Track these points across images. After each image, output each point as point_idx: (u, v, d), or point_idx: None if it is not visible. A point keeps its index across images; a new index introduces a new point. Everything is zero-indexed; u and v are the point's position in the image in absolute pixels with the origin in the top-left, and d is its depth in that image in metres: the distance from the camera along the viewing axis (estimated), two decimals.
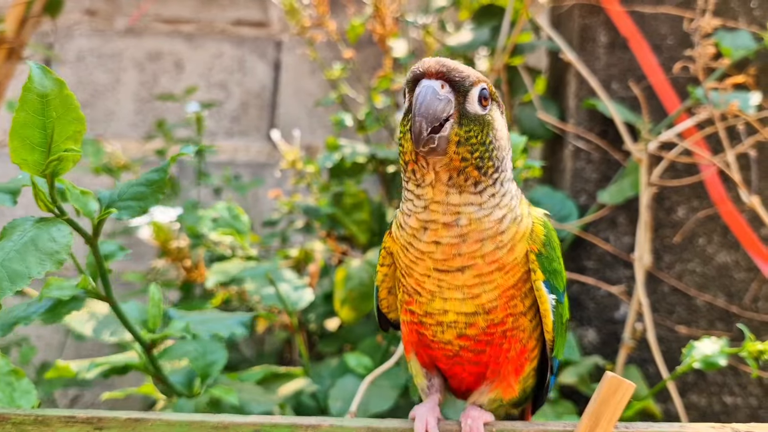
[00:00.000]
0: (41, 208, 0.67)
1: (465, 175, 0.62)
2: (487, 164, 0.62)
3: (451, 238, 0.63)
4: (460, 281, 0.65)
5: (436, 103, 0.59)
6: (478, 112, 0.62)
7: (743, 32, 1.42)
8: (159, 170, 0.71)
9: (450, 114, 0.60)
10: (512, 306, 0.66)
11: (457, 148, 0.60)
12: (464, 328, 0.67)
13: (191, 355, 1.01)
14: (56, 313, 0.78)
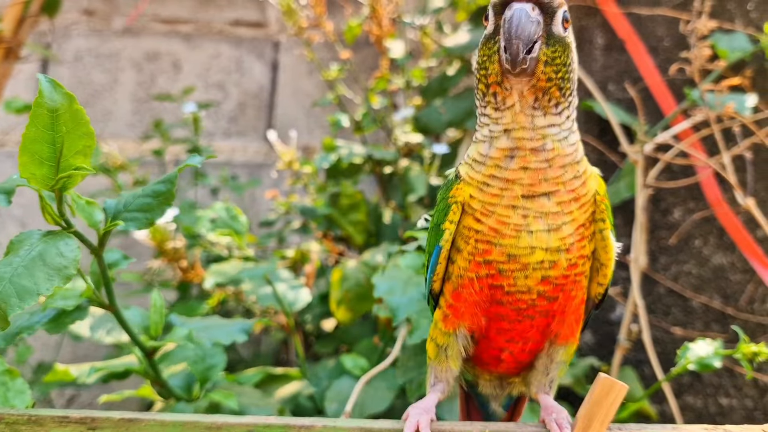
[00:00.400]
0: (48, 222, 0.67)
1: (549, 96, 0.64)
2: (566, 85, 0.65)
3: (539, 163, 0.65)
4: (546, 208, 0.66)
5: (530, 25, 0.61)
6: (561, 34, 0.64)
7: (740, 34, 1.42)
8: (166, 181, 0.70)
9: (539, 35, 0.63)
10: (581, 247, 0.68)
11: (545, 68, 0.63)
12: (548, 268, 0.67)
13: (191, 360, 1.01)
14: (60, 323, 0.78)
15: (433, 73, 1.81)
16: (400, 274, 1.01)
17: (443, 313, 0.73)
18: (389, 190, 1.69)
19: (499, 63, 0.62)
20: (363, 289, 1.32)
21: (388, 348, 1.26)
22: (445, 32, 1.77)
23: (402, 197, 1.53)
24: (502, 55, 0.61)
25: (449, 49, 1.62)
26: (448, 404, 1.14)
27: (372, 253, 1.42)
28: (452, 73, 1.68)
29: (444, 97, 1.66)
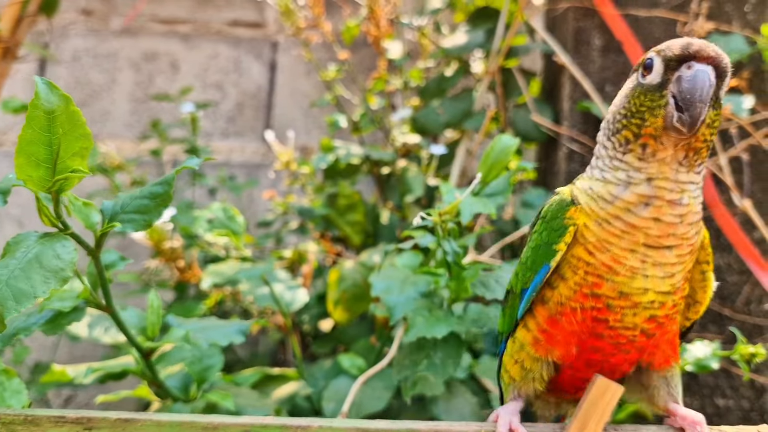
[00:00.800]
0: (45, 223, 0.66)
1: (698, 155, 0.65)
2: (710, 146, 0.66)
3: (673, 217, 0.65)
4: (666, 258, 0.66)
5: (710, 89, 0.62)
6: (722, 98, 0.66)
7: (737, 36, 1.42)
8: (163, 183, 0.70)
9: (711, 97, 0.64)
10: (683, 288, 0.69)
11: (704, 130, 0.64)
12: (657, 308, 0.68)
13: (188, 360, 1.01)
14: (57, 324, 0.78)
15: (431, 73, 1.81)
16: (397, 274, 1.01)
17: (534, 337, 0.72)
18: (387, 191, 1.69)
19: (665, 119, 0.63)
20: (360, 289, 1.32)
21: (385, 347, 1.26)
22: (443, 33, 1.77)
23: (399, 198, 1.53)
24: (673, 113, 0.62)
25: (447, 50, 1.62)
26: (444, 404, 1.15)
27: (369, 253, 1.42)
28: (450, 74, 1.68)
29: (442, 98, 1.66)
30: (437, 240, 0.90)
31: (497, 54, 1.56)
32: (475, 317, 0.97)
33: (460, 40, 1.62)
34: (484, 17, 1.67)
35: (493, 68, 1.57)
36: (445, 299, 0.97)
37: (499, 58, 1.56)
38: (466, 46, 1.62)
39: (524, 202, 1.48)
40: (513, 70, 1.63)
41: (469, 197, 0.91)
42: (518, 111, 1.61)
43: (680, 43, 0.64)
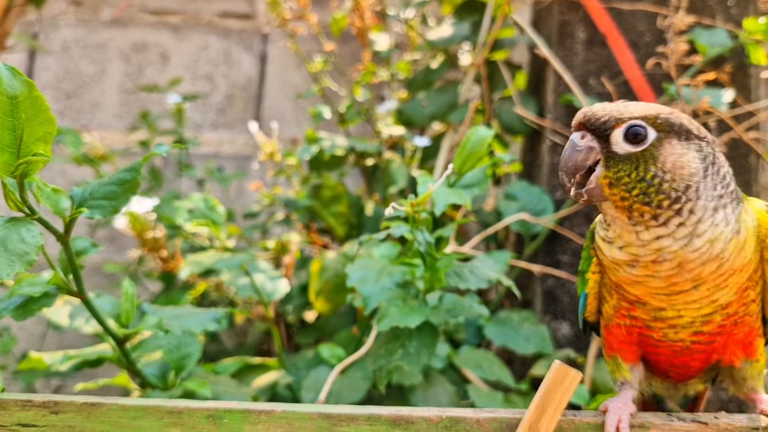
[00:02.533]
0: (11, 208, 0.67)
1: (639, 212, 0.61)
2: (656, 198, 0.61)
3: (667, 271, 0.63)
4: (695, 296, 0.64)
5: (575, 155, 0.63)
6: (629, 151, 0.62)
7: (720, 30, 1.43)
8: (131, 170, 0.71)
9: (597, 160, 0.63)
10: (745, 296, 0.67)
11: (611, 190, 0.62)
12: (701, 325, 0.66)
13: (165, 348, 1.02)
14: (27, 310, 0.78)
15: (419, 66, 1.81)
16: (374, 264, 1.01)
17: (602, 340, 0.75)
18: (373, 183, 1.69)
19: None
20: (342, 280, 1.33)
21: (365, 337, 1.27)
22: (430, 25, 1.77)
23: (384, 189, 1.54)
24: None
25: (432, 42, 1.62)
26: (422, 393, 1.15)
27: (352, 244, 1.42)
28: (436, 67, 1.68)
29: (428, 91, 1.67)
30: (411, 230, 0.91)
31: (483, 47, 1.56)
32: (450, 307, 0.98)
33: (446, 33, 1.62)
34: (470, 10, 1.67)
35: (479, 61, 1.57)
36: (420, 290, 0.98)
37: (485, 50, 1.57)
38: (451, 39, 1.62)
39: (507, 194, 1.48)
40: (499, 63, 1.63)
41: (442, 188, 0.91)
42: (503, 103, 1.61)
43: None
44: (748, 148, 1.42)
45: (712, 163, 0.63)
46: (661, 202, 0.61)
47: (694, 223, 0.61)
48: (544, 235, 1.43)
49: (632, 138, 0.62)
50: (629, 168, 0.61)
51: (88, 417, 0.64)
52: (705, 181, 0.62)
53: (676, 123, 0.62)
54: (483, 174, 0.99)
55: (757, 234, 0.65)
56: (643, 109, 0.63)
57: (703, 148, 0.63)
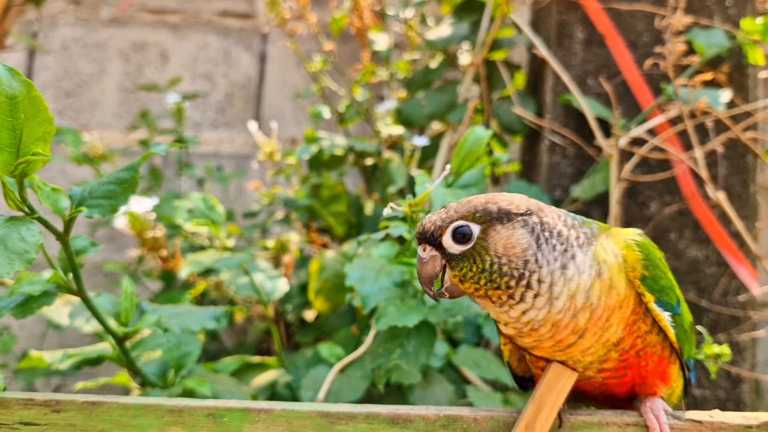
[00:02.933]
0: (11, 207, 0.68)
1: (495, 296, 0.66)
2: (501, 282, 0.65)
3: (548, 332, 0.66)
4: (585, 344, 0.67)
5: (424, 267, 0.69)
6: (461, 250, 0.66)
7: (717, 30, 1.43)
8: (130, 169, 0.72)
9: (443, 264, 0.68)
10: (636, 329, 0.68)
11: (464, 285, 0.67)
12: (600, 364, 0.68)
13: (165, 347, 1.02)
14: (27, 308, 0.79)
15: (418, 65, 1.82)
16: (372, 264, 1.02)
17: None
18: (372, 182, 1.70)
19: None
20: (341, 279, 1.33)
21: (364, 337, 1.28)
22: (429, 25, 1.78)
23: (383, 189, 1.54)
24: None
25: (431, 42, 1.63)
26: (421, 392, 1.16)
27: (352, 244, 1.43)
28: (435, 66, 1.69)
29: (427, 90, 1.67)
30: (409, 230, 0.91)
31: (482, 46, 1.57)
32: (448, 306, 0.98)
33: (445, 33, 1.63)
34: (469, 9, 1.68)
35: (478, 60, 1.58)
36: (419, 289, 0.98)
37: (484, 50, 1.57)
38: (450, 39, 1.62)
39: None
40: (498, 63, 1.63)
41: (440, 188, 0.92)
42: (502, 103, 1.62)
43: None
44: (746, 148, 1.43)
45: (542, 230, 0.66)
46: (509, 282, 0.65)
47: (547, 289, 0.65)
48: None
49: (460, 239, 0.66)
50: (469, 264, 0.66)
51: (89, 415, 0.65)
52: (541, 250, 0.65)
53: (494, 210, 0.66)
54: (481, 174, 1.00)
55: (625, 271, 0.67)
56: (463, 209, 0.67)
57: (528, 222, 0.66)
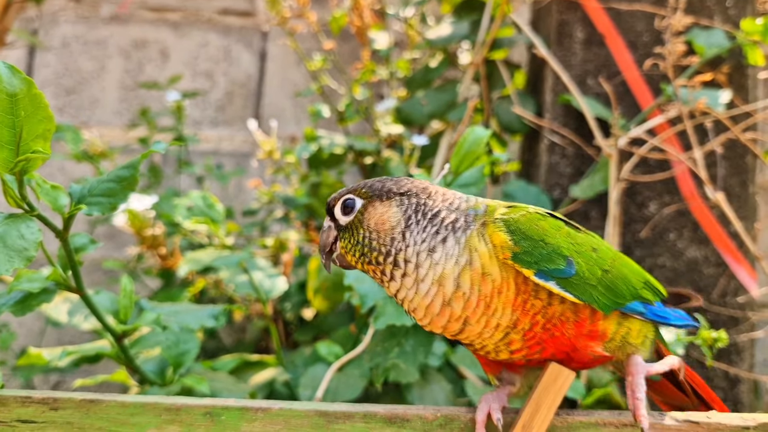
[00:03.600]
0: (11, 205, 0.68)
1: (371, 271, 0.70)
2: (372, 256, 0.69)
3: (427, 318, 0.68)
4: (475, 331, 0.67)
5: (323, 236, 0.74)
6: (345, 221, 0.72)
7: (717, 31, 1.43)
8: (129, 167, 0.72)
9: (335, 235, 0.73)
10: (530, 307, 0.67)
11: (348, 256, 0.72)
12: (507, 347, 0.69)
13: (164, 345, 1.02)
14: (26, 305, 0.79)
15: (418, 64, 1.82)
16: None
17: None
18: None
19: None
20: (339, 278, 1.33)
21: (362, 335, 1.28)
22: (429, 24, 1.78)
23: None
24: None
25: (432, 41, 1.63)
26: (419, 391, 1.16)
27: None
28: (435, 65, 1.69)
29: (427, 89, 1.67)
30: None
31: (482, 46, 1.57)
32: None
33: (445, 32, 1.63)
34: (469, 9, 1.68)
35: (478, 60, 1.58)
36: None
37: (484, 49, 1.57)
38: (450, 38, 1.62)
39: (505, 194, 1.49)
40: (497, 62, 1.63)
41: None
42: (502, 102, 1.62)
43: None
44: (746, 148, 1.43)
45: (416, 211, 0.69)
46: (377, 258, 0.69)
47: (413, 269, 0.67)
48: None
49: (347, 210, 0.71)
50: (349, 235, 0.71)
51: (87, 413, 0.65)
52: (409, 230, 0.68)
53: (377, 188, 0.71)
54: (480, 173, 1.00)
55: (495, 255, 0.67)
56: (357, 186, 0.72)
57: (404, 202, 0.70)
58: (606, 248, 0.74)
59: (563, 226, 0.72)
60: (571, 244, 0.70)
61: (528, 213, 0.70)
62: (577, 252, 0.69)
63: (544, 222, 0.70)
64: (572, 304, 0.68)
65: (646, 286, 0.75)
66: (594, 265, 0.70)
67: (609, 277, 0.70)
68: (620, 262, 0.74)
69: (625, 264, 0.75)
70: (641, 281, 0.75)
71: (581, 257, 0.69)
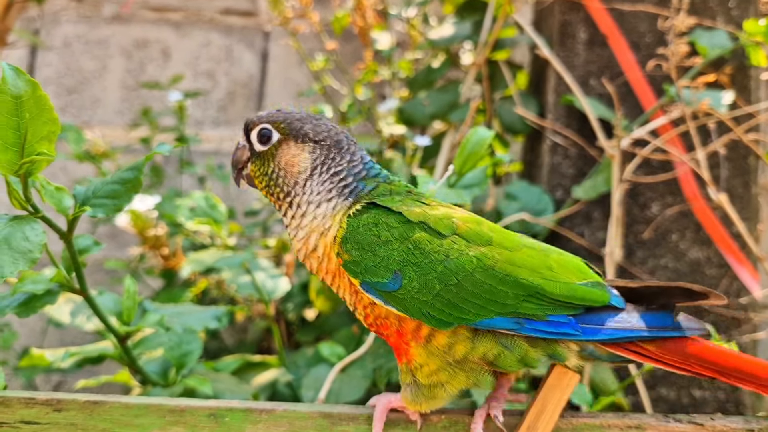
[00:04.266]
0: (15, 206, 0.68)
1: (271, 200, 0.75)
2: (275, 190, 0.74)
3: (300, 259, 0.74)
4: (337, 291, 0.74)
5: (236, 153, 0.76)
6: (260, 149, 0.74)
7: (720, 32, 1.43)
8: (133, 169, 0.72)
9: (248, 156, 0.75)
10: (361, 299, 0.71)
11: (258, 182, 0.75)
12: (363, 319, 0.73)
13: (167, 346, 1.02)
14: (30, 307, 0.79)
15: (421, 65, 1.82)
16: None
17: None
18: None
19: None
20: None
21: (365, 336, 1.28)
22: (431, 25, 1.77)
23: None
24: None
25: (434, 41, 1.62)
26: None
27: None
28: (437, 66, 1.68)
29: (429, 90, 1.67)
30: None
31: (484, 46, 1.57)
32: None
33: (447, 32, 1.63)
34: (471, 9, 1.68)
35: (480, 60, 1.58)
36: None
37: (486, 50, 1.57)
38: (452, 38, 1.62)
39: (508, 194, 1.49)
40: (500, 63, 1.63)
41: (443, 188, 0.92)
42: (504, 103, 1.62)
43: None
44: (748, 149, 1.43)
45: (323, 163, 0.73)
46: (279, 194, 0.73)
47: (300, 216, 0.73)
48: (543, 234, 1.43)
49: (263, 139, 0.74)
50: (260, 163, 0.74)
51: (91, 415, 0.65)
52: (311, 179, 0.73)
53: (296, 127, 0.74)
54: (483, 174, 1.00)
55: (335, 248, 0.71)
56: (277, 116, 0.75)
57: (316, 150, 0.73)
58: (474, 257, 0.68)
59: (417, 232, 0.69)
60: (411, 255, 0.68)
61: (374, 217, 0.70)
62: (413, 264, 0.68)
63: (386, 231, 0.69)
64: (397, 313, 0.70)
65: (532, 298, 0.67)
66: (433, 280, 0.68)
67: (455, 292, 0.67)
68: (494, 272, 0.68)
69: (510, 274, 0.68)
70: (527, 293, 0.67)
71: (417, 271, 0.68)
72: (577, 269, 0.70)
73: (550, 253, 0.71)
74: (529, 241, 0.72)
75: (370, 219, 0.70)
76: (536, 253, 0.70)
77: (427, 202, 0.73)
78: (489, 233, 0.70)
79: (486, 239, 0.69)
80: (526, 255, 0.69)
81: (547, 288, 0.67)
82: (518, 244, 0.70)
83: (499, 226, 0.74)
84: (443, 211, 0.71)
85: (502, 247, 0.69)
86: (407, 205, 0.71)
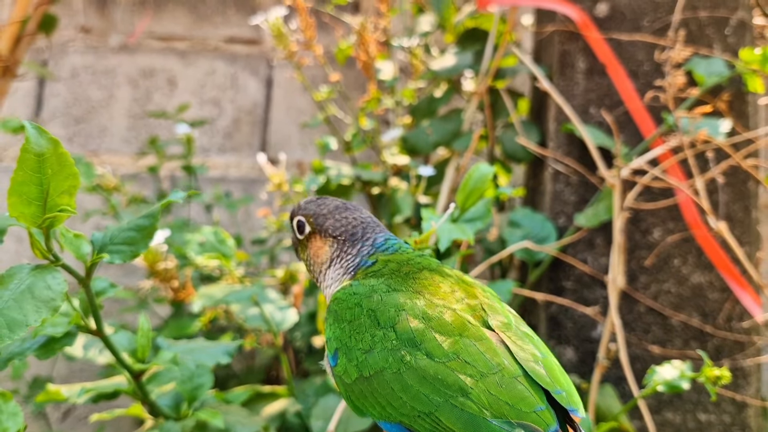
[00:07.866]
0: (37, 256, 0.71)
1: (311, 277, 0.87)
2: (310, 272, 0.86)
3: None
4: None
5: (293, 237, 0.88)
6: (299, 238, 0.85)
7: (717, 59, 1.46)
8: (149, 216, 0.75)
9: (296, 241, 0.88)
10: None
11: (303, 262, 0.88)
12: None
13: (179, 380, 1.05)
14: (50, 349, 0.83)
15: (423, 93, 1.85)
16: None
17: None
18: (379, 210, 1.72)
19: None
20: None
21: None
22: (433, 55, 1.81)
23: (390, 218, 1.57)
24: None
25: (436, 72, 1.66)
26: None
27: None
28: (439, 95, 1.72)
29: (432, 118, 1.70)
30: None
31: (485, 75, 1.60)
32: None
33: (449, 62, 1.66)
34: (472, 39, 1.71)
35: (482, 89, 1.61)
36: None
37: (488, 79, 1.60)
38: (454, 68, 1.65)
39: (511, 221, 1.51)
40: (501, 91, 1.66)
41: (446, 224, 0.94)
42: (506, 131, 1.65)
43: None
44: (748, 174, 1.45)
45: (338, 256, 0.82)
46: (313, 276, 0.86)
47: (325, 288, 0.84)
48: (547, 261, 1.45)
49: (300, 230, 0.85)
50: (301, 249, 0.86)
51: None
52: (330, 269, 0.83)
53: (320, 223, 0.83)
54: (485, 208, 1.02)
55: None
56: (311, 209, 0.84)
57: (334, 245, 0.82)
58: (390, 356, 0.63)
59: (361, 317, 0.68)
60: (348, 338, 0.68)
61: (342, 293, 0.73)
62: (347, 347, 0.67)
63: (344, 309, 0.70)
64: None
65: (427, 417, 0.60)
66: (353, 367, 0.66)
67: (366, 386, 0.64)
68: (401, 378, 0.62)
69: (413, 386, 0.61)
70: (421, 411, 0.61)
71: (346, 354, 0.67)
72: (518, 398, 0.59)
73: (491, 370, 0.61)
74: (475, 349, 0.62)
75: (339, 295, 0.75)
76: (459, 368, 0.61)
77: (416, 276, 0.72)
78: (431, 335, 0.63)
79: (417, 341, 0.63)
80: (442, 369, 0.61)
81: (442, 415, 0.59)
82: (451, 355, 0.62)
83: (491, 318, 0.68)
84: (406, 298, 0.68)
85: (427, 354, 0.62)
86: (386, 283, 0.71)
